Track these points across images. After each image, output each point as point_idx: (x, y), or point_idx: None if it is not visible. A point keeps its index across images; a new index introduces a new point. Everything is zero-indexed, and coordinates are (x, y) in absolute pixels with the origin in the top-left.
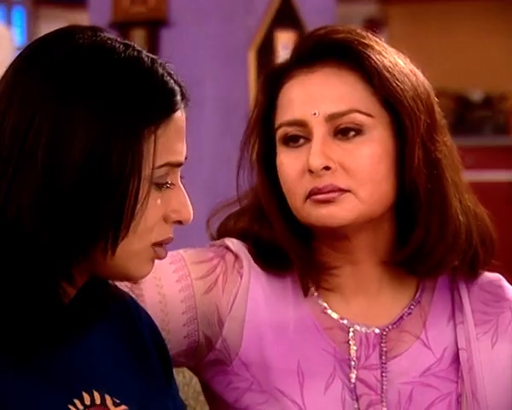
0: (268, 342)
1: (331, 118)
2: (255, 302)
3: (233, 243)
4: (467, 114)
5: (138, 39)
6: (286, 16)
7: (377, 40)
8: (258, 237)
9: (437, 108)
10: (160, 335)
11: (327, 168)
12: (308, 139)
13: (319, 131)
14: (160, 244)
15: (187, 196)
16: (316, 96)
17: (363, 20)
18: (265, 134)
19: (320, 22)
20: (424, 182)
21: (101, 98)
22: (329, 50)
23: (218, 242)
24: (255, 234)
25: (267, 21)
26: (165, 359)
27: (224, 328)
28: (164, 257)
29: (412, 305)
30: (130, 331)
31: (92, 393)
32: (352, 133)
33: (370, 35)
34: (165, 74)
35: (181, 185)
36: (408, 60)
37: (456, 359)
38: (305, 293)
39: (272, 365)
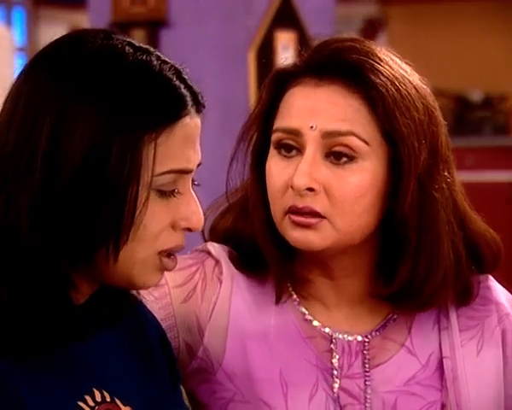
0: (251, 352)
1: (327, 135)
2: (238, 312)
3: (214, 247)
4: (466, 115)
5: (138, 40)
6: (286, 16)
7: (394, 65)
8: (240, 236)
9: (444, 142)
10: (167, 339)
11: (310, 189)
12: (300, 151)
13: (312, 147)
14: (168, 254)
15: (198, 204)
16: (317, 110)
17: (362, 20)
18: (263, 132)
19: (320, 22)
20: (415, 221)
21: (103, 102)
22: (341, 68)
23: (200, 247)
24: (237, 233)
25: (267, 21)
26: (171, 364)
27: (204, 337)
28: (172, 268)
29: (397, 311)
30: (139, 334)
31: (102, 391)
32: (345, 159)
33: (388, 58)
34: (175, 79)
35: (192, 192)
36: (418, 76)
37: (440, 365)
38: (277, 300)
39: (255, 375)
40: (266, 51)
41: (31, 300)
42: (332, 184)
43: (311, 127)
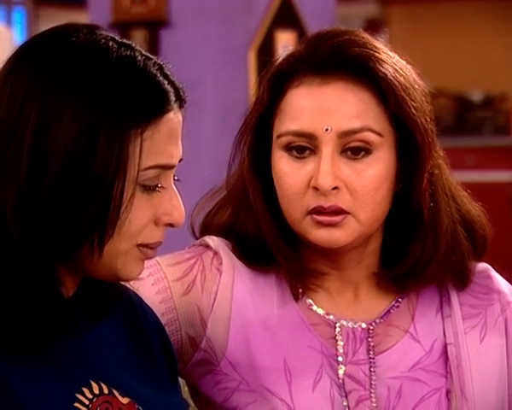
0: (255, 341)
1: (344, 135)
2: (240, 301)
3: (213, 239)
4: (467, 115)
5: (138, 40)
6: (286, 17)
7: (388, 51)
8: (241, 232)
9: (432, 117)
10: (165, 332)
11: (334, 188)
12: (313, 151)
13: (329, 147)
14: (147, 246)
15: (180, 199)
16: (330, 110)
17: (363, 20)
18: (261, 132)
19: (320, 22)
20: (428, 201)
21: (89, 96)
22: (345, 63)
23: (197, 241)
24: (238, 229)
25: (267, 22)
26: (170, 356)
27: (207, 328)
28: (152, 256)
29: (400, 298)
30: (136, 327)
31: (100, 384)
32: (362, 153)
33: (382, 46)
34: (159, 75)
35: (174, 187)
36: (409, 66)
37: (444, 352)
38: (296, 297)
39: (259, 364)
40: (266, 52)
41: (19, 295)
42: (352, 179)
43: (327, 130)
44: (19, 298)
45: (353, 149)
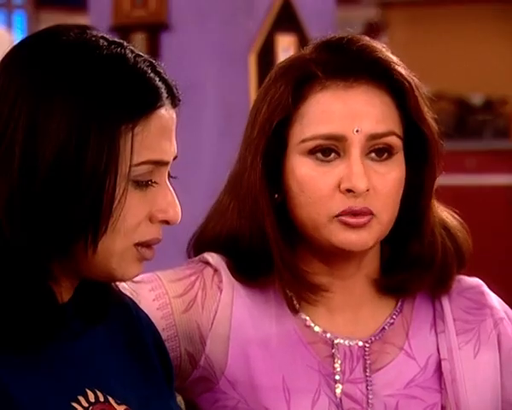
0: (253, 360)
1: (372, 138)
2: (239, 319)
3: (212, 256)
4: (467, 118)
5: (139, 43)
6: (286, 20)
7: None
8: (241, 241)
9: None
10: (161, 338)
11: (366, 190)
12: (338, 154)
13: (357, 149)
14: (146, 245)
15: (175, 196)
16: (359, 113)
17: (363, 24)
18: (274, 138)
19: (320, 26)
20: (433, 205)
21: (78, 93)
22: (367, 68)
23: (197, 257)
24: (235, 237)
25: (268, 25)
26: (165, 362)
27: (206, 345)
28: (150, 258)
29: (394, 315)
30: (132, 333)
31: (95, 391)
32: (386, 155)
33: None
34: (149, 71)
35: (168, 184)
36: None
37: (438, 367)
38: (293, 310)
39: (258, 382)
40: (267, 55)
41: (12, 294)
42: (377, 182)
43: (357, 131)
44: (11, 297)
45: (377, 150)
